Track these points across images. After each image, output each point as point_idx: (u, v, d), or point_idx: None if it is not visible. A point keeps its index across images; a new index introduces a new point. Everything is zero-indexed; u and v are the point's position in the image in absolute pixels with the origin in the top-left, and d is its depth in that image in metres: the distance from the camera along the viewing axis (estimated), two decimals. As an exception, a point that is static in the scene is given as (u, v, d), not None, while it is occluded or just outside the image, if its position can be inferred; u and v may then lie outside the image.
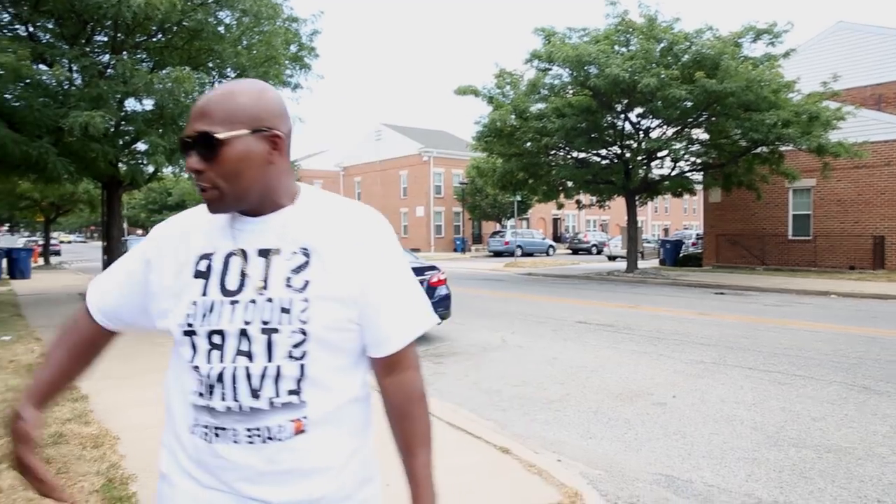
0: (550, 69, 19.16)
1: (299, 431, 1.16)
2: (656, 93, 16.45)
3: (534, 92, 19.64)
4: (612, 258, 31.41)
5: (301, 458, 1.17)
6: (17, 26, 11.42)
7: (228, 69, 12.95)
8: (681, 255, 25.50)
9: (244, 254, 1.21)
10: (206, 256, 1.22)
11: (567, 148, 20.73)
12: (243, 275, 1.19)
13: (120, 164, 12.83)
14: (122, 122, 11.50)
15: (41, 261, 29.66)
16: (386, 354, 1.23)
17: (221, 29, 12.04)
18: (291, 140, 1.28)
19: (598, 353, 7.88)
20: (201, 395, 1.18)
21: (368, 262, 1.20)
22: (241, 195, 1.19)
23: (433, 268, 8.97)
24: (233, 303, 1.17)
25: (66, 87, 10.62)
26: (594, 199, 23.62)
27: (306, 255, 1.19)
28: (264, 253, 1.20)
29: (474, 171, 37.92)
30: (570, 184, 22.15)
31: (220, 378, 1.16)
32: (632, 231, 21.77)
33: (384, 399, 1.28)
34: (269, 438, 1.15)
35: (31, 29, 11.46)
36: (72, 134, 9.87)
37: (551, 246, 38.69)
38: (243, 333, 1.16)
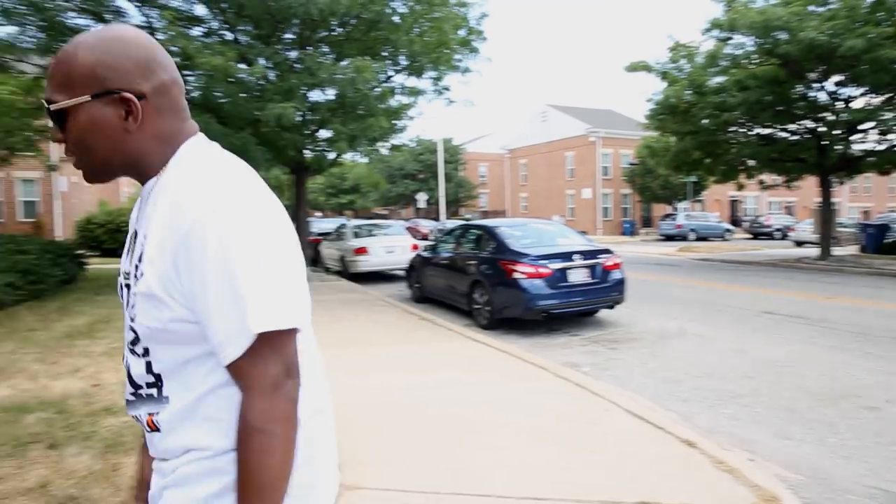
0: (731, 38, 17.66)
1: (152, 427, 1.07)
2: (862, 56, 14.51)
3: (712, 64, 18.22)
4: (799, 244, 28.56)
5: (159, 448, 1.09)
6: (223, 32, 12.72)
7: (401, 56, 13.48)
8: (886, 241, 22.50)
9: (131, 237, 1.12)
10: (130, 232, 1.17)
11: (749, 123, 19.03)
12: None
13: (305, 151, 13.89)
14: (308, 112, 12.37)
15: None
16: (224, 365, 0.99)
17: (396, 18, 12.52)
18: (176, 93, 1.08)
19: (791, 346, 7.20)
20: None
21: (179, 247, 0.96)
22: (101, 167, 1.06)
23: (607, 251, 8.71)
24: (123, 288, 1.11)
25: (261, 82, 11.64)
26: (779, 178, 21.54)
27: (144, 240, 1.03)
28: (134, 238, 1.10)
29: (645, 151, 36.39)
30: (751, 163, 20.36)
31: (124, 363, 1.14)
32: (826, 214, 19.57)
33: None
34: (143, 426, 1.11)
35: (234, 33, 12.71)
36: (267, 125, 10.85)
37: (728, 230, 36.00)
38: (126, 322, 1.10)
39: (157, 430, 1.07)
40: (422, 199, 43.32)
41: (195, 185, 0.99)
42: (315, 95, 12.86)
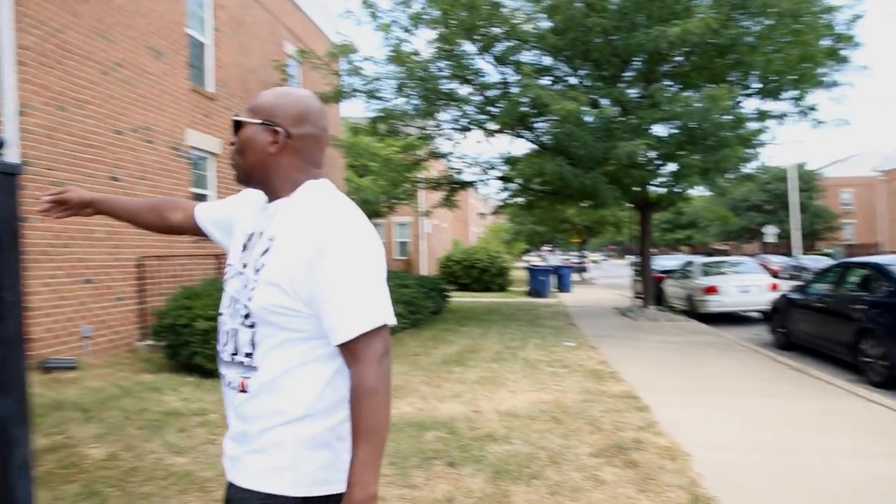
0: None
1: (243, 389, 1.39)
2: None
3: None
4: None
5: (243, 409, 1.40)
6: (568, 77, 13.33)
7: (751, 79, 12.41)
8: None
9: (252, 235, 1.48)
10: (246, 230, 1.52)
11: None
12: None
13: (649, 187, 13.58)
14: (654, 147, 12.10)
15: (575, 276, 34.12)
16: (336, 344, 1.32)
17: (750, 39, 11.58)
18: (315, 146, 1.48)
19: None
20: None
21: (313, 256, 1.31)
22: (245, 171, 1.48)
23: None
24: (238, 272, 1.46)
25: (607, 122, 11.80)
26: None
27: (271, 242, 1.40)
28: (258, 236, 1.45)
29: None
30: None
31: (220, 328, 1.49)
32: None
33: None
34: (229, 385, 1.44)
35: (577, 77, 13.22)
36: (613, 163, 10.94)
37: None
38: (232, 298, 1.45)
39: (245, 391, 1.39)
40: (770, 232, 39.03)
41: (324, 213, 1.37)
42: (657, 129, 12.56)
